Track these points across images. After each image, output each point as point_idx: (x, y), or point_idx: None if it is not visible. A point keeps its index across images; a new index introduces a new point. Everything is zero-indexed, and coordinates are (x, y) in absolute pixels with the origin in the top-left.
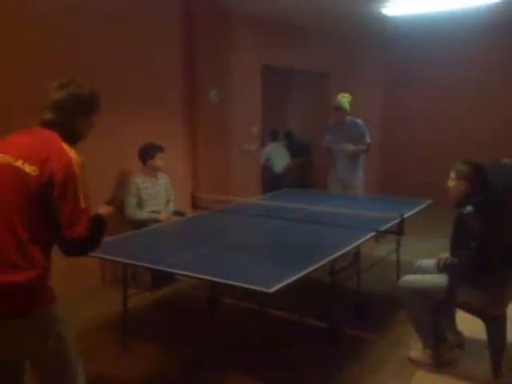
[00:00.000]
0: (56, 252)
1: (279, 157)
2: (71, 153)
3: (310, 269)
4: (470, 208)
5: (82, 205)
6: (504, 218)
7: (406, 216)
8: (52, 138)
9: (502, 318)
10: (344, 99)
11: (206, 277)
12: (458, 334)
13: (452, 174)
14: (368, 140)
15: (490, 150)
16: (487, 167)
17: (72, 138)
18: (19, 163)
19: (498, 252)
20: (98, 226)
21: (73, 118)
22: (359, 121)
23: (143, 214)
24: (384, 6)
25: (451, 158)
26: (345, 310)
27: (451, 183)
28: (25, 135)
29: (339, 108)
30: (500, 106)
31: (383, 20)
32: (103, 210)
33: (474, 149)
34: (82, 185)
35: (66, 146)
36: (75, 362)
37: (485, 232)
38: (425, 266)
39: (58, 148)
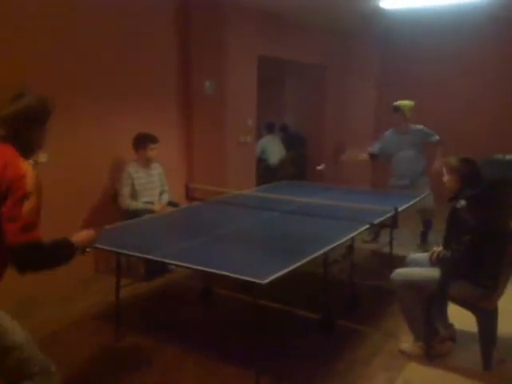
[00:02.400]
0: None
1: (274, 149)
2: (24, 166)
3: (304, 261)
4: (463, 202)
5: (24, 215)
6: (496, 213)
7: (399, 209)
8: (5, 151)
9: (494, 312)
10: (405, 103)
11: (199, 267)
12: (450, 326)
13: (444, 169)
14: (437, 136)
15: (483, 146)
16: (480, 163)
17: (27, 150)
18: None
19: (490, 246)
20: (56, 249)
21: (23, 133)
22: (421, 126)
23: (138, 205)
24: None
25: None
26: (338, 301)
27: (444, 178)
28: None
29: (397, 109)
30: (493, 104)
31: (380, 14)
32: (80, 236)
33: (466, 145)
34: (33, 198)
35: (19, 160)
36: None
37: (477, 226)
38: (418, 259)
39: (11, 162)
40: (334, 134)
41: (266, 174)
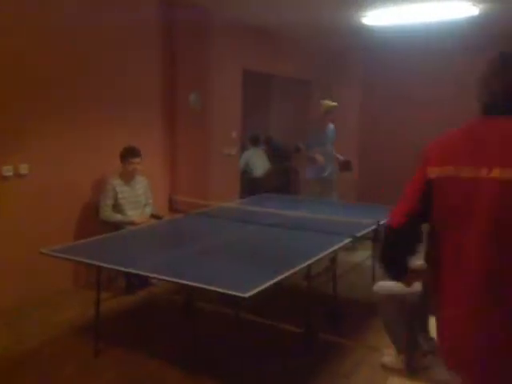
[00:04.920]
0: (26, 254)
1: (258, 162)
2: None
3: (286, 274)
4: None
5: None
6: None
7: (381, 222)
8: None
9: None
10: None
11: (180, 281)
12: (431, 340)
13: None
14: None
15: None
16: None
17: None
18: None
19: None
20: None
21: None
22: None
23: (117, 216)
24: (364, 16)
25: None
26: (320, 315)
27: None
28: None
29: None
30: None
31: (363, 30)
32: None
33: None
34: None
35: None
36: None
37: None
38: None
39: None
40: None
41: (250, 186)
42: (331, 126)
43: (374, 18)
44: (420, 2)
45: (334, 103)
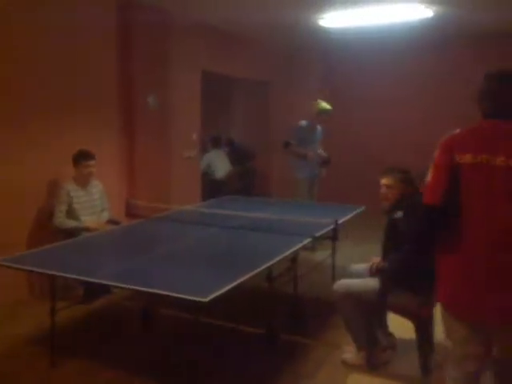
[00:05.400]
0: None
1: (220, 164)
2: None
3: (246, 277)
4: (400, 213)
5: None
6: None
7: (339, 222)
8: None
9: (430, 319)
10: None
11: (139, 288)
12: (390, 335)
13: (381, 181)
14: None
15: (422, 158)
16: (419, 173)
17: None
18: None
19: (425, 255)
20: None
21: None
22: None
23: (72, 223)
24: (321, 18)
25: (384, 166)
26: (282, 315)
27: (382, 190)
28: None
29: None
30: (432, 117)
31: (320, 31)
32: None
33: (406, 157)
34: None
35: None
36: None
37: None
38: (358, 270)
39: None
40: (279, 148)
41: (212, 188)
42: (319, 127)
43: (330, 20)
44: (375, 5)
45: (329, 107)
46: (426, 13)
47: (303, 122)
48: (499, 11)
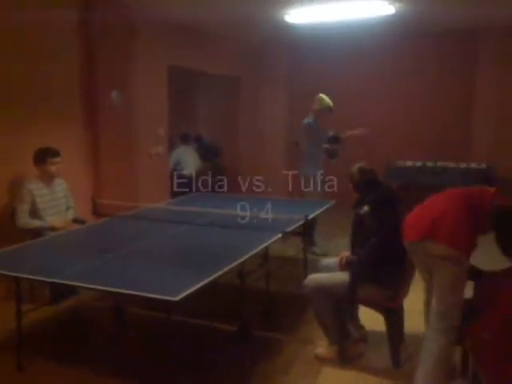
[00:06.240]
0: None
1: (189, 160)
2: None
3: (217, 274)
4: (366, 208)
5: None
6: (397, 217)
7: (309, 217)
8: None
9: (400, 311)
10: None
11: (106, 288)
12: (361, 328)
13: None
14: None
15: (389, 153)
16: (386, 169)
17: None
18: None
19: (393, 248)
20: None
21: None
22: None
23: (35, 223)
24: (287, 14)
25: (354, 162)
26: (254, 311)
27: (349, 186)
28: None
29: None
30: (397, 113)
31: (286, 27)
32: None
33: (374, 152)
34: None
35: None
36: None
37: (380, 230)
38: (329, 264)
39: None
40: (247, 143)
41: (182, 185)
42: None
43: (295, 16)
44: (340, 1)
45: (330, 103)
46: (389, 9)
47: (309, 119)
48: (459, 8)
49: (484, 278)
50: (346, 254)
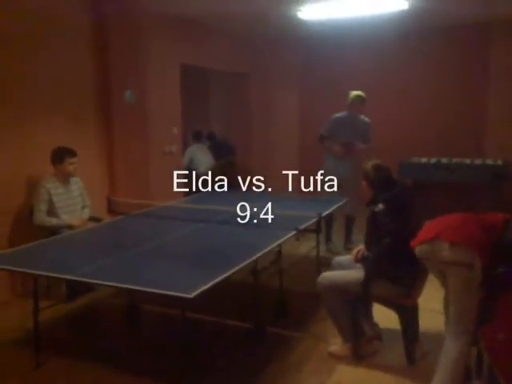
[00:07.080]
0: None
1: (203, 158)
2: None
3: (231, 271)
4: (381, 206)
5: None
6: (412, 215)
7: (323, 215)
8: None
9: (414, 309)
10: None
11: (123, 285)
12: (375, 326)
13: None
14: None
15: (403, 150)
16: (400, 165)
17: None
18: None
19: (408, 246)
20: None
21: None
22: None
23: (53, 221)
24: (299, 10)
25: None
26: (268, 309)
27: (363, 183)
28: None
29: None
30: (412, 111)
31: (298, 24)
32: None
33: (388, 149)
34: None
35: None
36: None
37: (396, 227)
38: (342, 262)
39: None
40: (260, 141)
41: (196, 183)
42: (364, 118)
43: (308, 12)
44: None
45: (359, 93)
46: (403, 5)
47: (338, 114)
48: (472, 2)
49: (498, 279)
50: (362, 247)
